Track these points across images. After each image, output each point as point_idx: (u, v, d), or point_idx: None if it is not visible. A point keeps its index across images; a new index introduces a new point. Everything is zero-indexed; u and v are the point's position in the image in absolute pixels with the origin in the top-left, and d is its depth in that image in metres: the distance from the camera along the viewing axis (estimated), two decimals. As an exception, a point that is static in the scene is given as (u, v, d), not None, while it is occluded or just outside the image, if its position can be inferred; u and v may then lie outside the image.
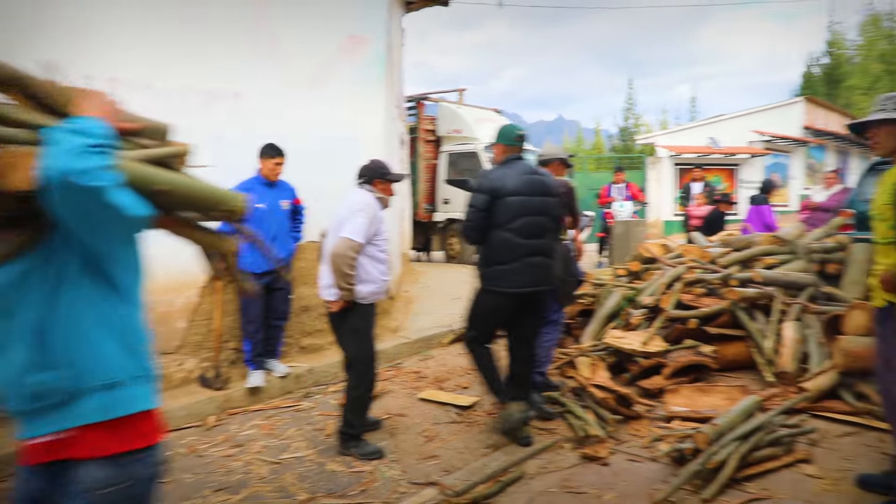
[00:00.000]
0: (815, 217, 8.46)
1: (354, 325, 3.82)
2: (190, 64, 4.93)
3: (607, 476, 3.49)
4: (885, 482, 3.09)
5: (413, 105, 11.91)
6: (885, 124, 2.92)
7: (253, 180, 4.82)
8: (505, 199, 3.74)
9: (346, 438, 3.87)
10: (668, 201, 18.04)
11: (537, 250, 3.81)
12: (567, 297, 4.48)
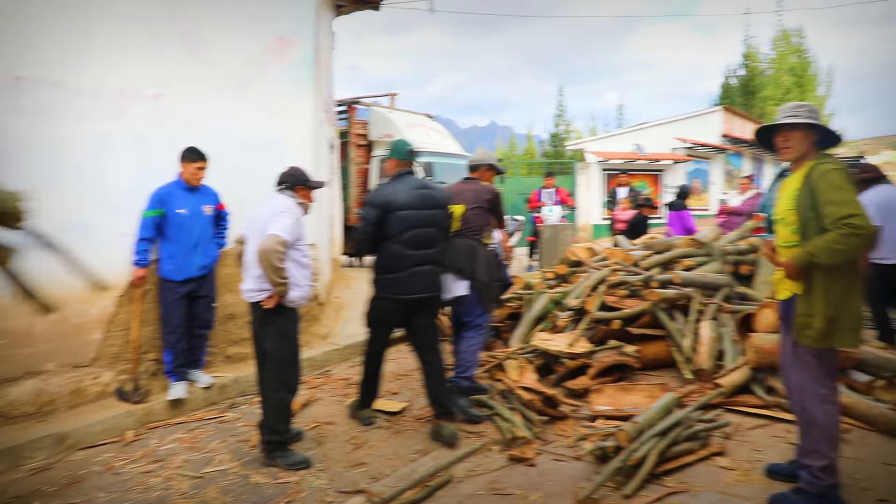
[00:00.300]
0: (731, 221, 8.88)
1: (281, 328, 3.80)
2: (106, 63, 4.72)
3: (534, 477, 3.54)
4: (791, 471, 3.27)
5: (344, 109, 11.80)
6: (796, 129, 3.05)
7: (173, 185, 4.66)
8: (396, 213, 3.99)
9: (271, 448, 3.79)
10: (597, 206, 18.56)
11: (426, 260, 4.08)
12: (491, 301, 4.54)
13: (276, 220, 3.66)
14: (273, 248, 3.56)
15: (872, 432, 3.94)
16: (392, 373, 5.39)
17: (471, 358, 4.43)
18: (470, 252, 4.40)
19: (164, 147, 4.81)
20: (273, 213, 3.73)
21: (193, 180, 4.67)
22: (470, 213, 4.48)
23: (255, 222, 3.82)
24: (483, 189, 4.57)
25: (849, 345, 3.00)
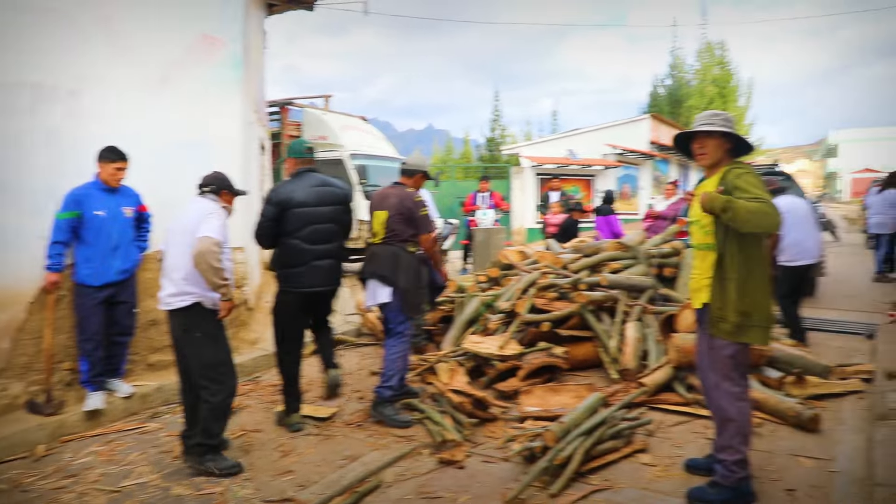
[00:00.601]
0: (657, 225, 9.22)
1: (210, 331, 3.73)
2: (18, 56, 4.47)
3: (463, 479, 3.56)
4: (708, 465, 3.41)
5: (277, 110, 11.58)
6: (712, 137, 3.18)
7: (90, 185, 4.46)
8: (294, 209, 4.15)
9: (204, 451, 3.67)
10: (531, 209, 18.87)
11: (325, 254, 4.28)
12: (414, 309, 4.47)
13: (206, 222, 3.60)
14: (209, 248, 3.50)
15: (782, 426, 4.15)
16: (322, 378, 5.31)
17: (393, 367, 4.36)
18: (393, 259, 4.35)
19: (80, 146, 4.60)
20: (201, 215, 3.65)
21: (112, 181, 4.48)
22: (393, 220, 4.39)
23: (177, 226, 3.73)
24: (407, 196, 4.45)
25: (760, 342, 3.15)
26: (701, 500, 3.17)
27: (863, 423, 4.16)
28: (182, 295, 3.64)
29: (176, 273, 3.65)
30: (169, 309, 3.71)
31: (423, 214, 4.45)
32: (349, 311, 7.67)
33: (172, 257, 3.71)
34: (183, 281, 3.63)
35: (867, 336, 6.43)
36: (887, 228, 10.18)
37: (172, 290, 3.67)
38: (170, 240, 3.77)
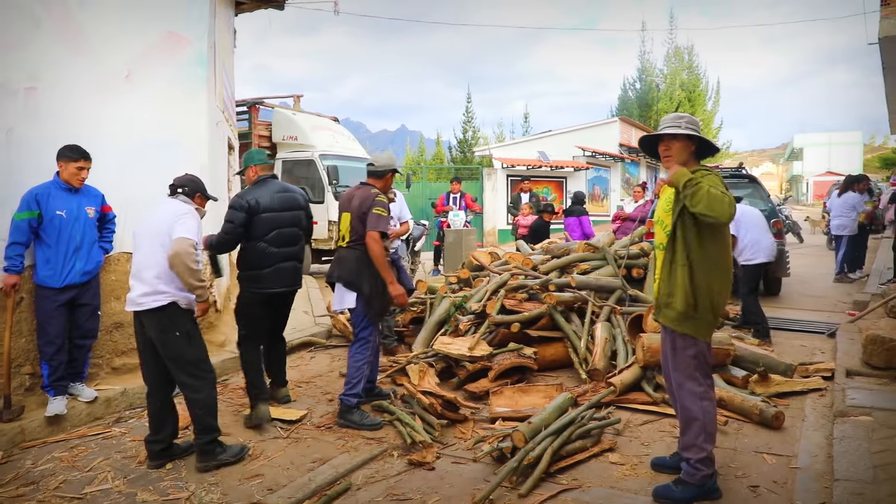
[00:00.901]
0: (625, 226, 9.33)
1: (187, 329, 3.74)
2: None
3: (433, 480, 3.56)
4: (675, 463, 3.46)
5: (246, 109, 11.46)
6: (677, 139, 3.24)
7: (50, 185, 4.35)
8: (261, 215, 4.36)
9: (210, 448, 3.72)
10: (503, 211, 18.97)
11: (289, 257, 4.52)
12: (377, 314, 4.40)
13: (181, 223, 3.62)
14: (186, 250, 3.54)
15: (747, 423, 4.23)
16: (292, 380, 5.27)
17: (358, 374, 4.31)
18: (357, 263, 4.28)
19: (38, 145, 4.49)
20: (174, 215, 3.66)
21: (74, 181, 4.37)
22: (355, 222, 4.31)
23: (147, 226, 3.71)
24: (368, 196, 4.31)
25: (702, 335, 3.18)
26: (667, 497, 3.21)
27: (823, 419, 4.26)
28: (156, 294, 3.62)
29: (148, 272, 3.62)
30: (141, 310, 3.65)
31: (375, 213, 4.22)
32: (320, 312, 7.62)
33: (143, 256, 3.68)
34: (156, 280, 3.61)
35: (828, 335, 6.59)
36: (847, 230, 10.46)
37: (145, 289, 3.62)
38: (139, 240, 3.74)
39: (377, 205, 4.25)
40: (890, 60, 8.71)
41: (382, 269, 4.26)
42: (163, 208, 3.76)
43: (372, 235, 4.20)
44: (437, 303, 6.04)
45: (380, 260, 4.23)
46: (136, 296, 3.66)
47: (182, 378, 3.73)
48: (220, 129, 6.32)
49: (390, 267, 4.40)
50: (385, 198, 4.39)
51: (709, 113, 41.15)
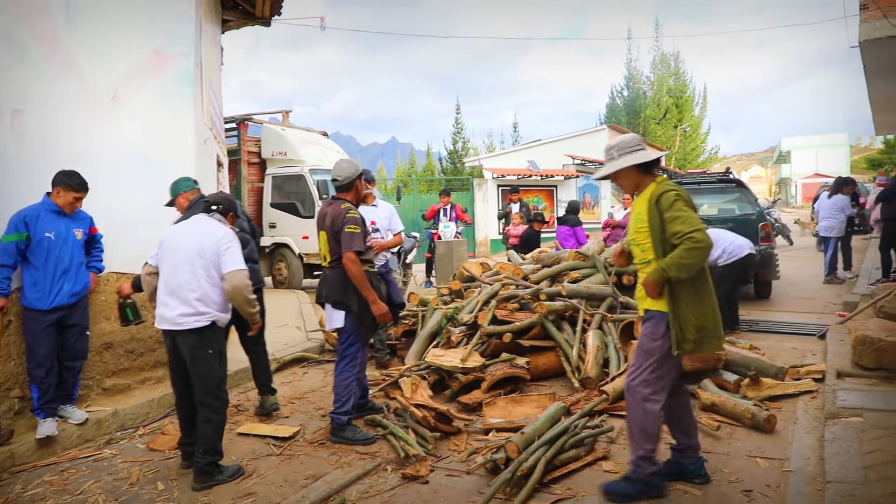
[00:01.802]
0: (615, 234, 9.37)
1: (220, 348, 3.87)
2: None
3: (427, 494, 3.54)
4: (668, 470, 3.47)
5: (235, 126, 11.47)
6: (619, 171, 3.36)
7: (39, 207, 4.33)
8: None
9: (210, 469, 3.74)
10: (494, 221, 19.02)
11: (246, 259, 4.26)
12: (369, 329, 4.35)
13: (230, 254, 3.74)
14: (243, 283, 3.74)
15: (739, 427, 4.25)
16: (285, 396, 5.25)
17: (345, 393, 4.29)
18: (342, 282, 4.23)
19: (25, 167, 4.49)
20: (218, 241, 3.74)
21: (68, 209, 4.38)
22: (331, 240, 4.25)
23: (185, 245, 3.76)
24: (339, 213, 4.23)
25: (716, 348, 3.32)
26: (614, 492, 3.31)
27: (815, 422, 4.28)
28: (198, 315, 3.71)
29: (190, 294, 3.70)
30: (181, 329, 3.73)
31: (347, 232, 4.14)
32: (312, 327, 7.61)
33: (181, 276, 3.72)
34: (199, 302, 3.70)
35: (819, 337, 6.63)
36: (835, 232, 10.54)
37: (186, 310, 3.70)
38: (173, 257, 3.78)
39: (348, 222, 4.17)
40: (870, 63, 8.83)
41: (363, 289, 4.20)
42: (199, 227, 3.81)
43: (348, 256, 4.13)
44: (428, 315, 6.04)
45: (359, 280, 4.17)
46: (176, 315, 3.71)
47: (204, 397, 3.78)
48: (208, 146, 6.32)
49: (373, 284, 4.30)
50: (356, 212, 4.27)
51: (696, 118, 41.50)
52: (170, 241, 3.85)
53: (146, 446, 4.39)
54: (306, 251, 10.89)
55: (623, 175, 3.36)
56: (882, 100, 11.91)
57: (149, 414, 4.94)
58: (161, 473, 3.94)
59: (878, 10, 7.26)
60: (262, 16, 8.57)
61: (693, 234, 3.04)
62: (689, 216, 3.11)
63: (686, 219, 3.10)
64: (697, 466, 3.50)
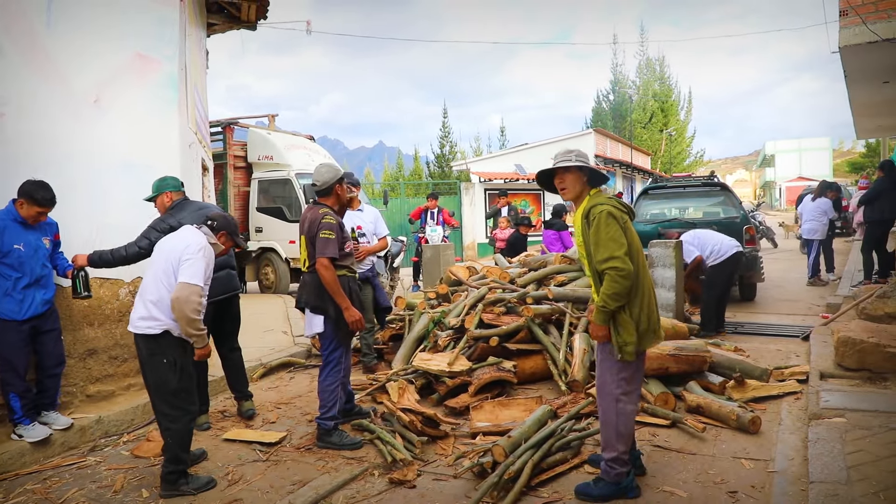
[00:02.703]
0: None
1: (176, 359, 3.72)
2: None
3: (413, 499, 3.53)
4: None
5: (220, 130, 11.42)
6: (569, 172, 3.42)
7: (6, 216, 4.19)
8: None
9: (174, 478, 3.67)
10: (481, 225, 19.05)
11: (220, 266, 4.60)
12: (347, 334, 4.32)
13: (189, 265, 3.60)
14: (188, 297, 3.55)
15: (725, 429, 4.28)
16: (271, 401, 5.23)
17: (330, 398, 4.27)
18: (320, 286, 4.20)
19: (6, 171, 4.43)
20: (186, 248, 3.65)
21: (32, 220, 4.25)
22: (310, 247, 4.24)
23: (162, 249, 3.78)
24: (316, 217, 4.23)
25: (653, 343, 3.39)
26: (586, 494, 3.37)
27: (799, 423, 4.32)
28: (151, 320, 3.64)
29: (148, 297, 3.66)
30: (137, 333, 3.68)
31: (322, 237, 4.13)
32: (299, 332, 7.57)
33: (148, 279, 3.72)
34: (153, 306, 3.64)
35: (803, 338, 6.70)
36: (818, 234, 10.67)
37: (143, 312, 3.66)
38: (153, 259, 3.79)
39: (323, 228, 4.15)
40: (851, 68, 8.94)
41: (336, 295, 4.17)
42: (181, 234, 3.82)
43: (321, 262, 4.11)
44: (415, 319, 6.03)
45: (332, 286, 4.14)
46: (135, 317, 3.70)
47: (160, 406, 3.72)
48: (193, 150, 6.28)
49: (351, 290, 4.31)
50: (333, 218, 4.24)
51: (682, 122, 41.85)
52: (158, 246, 3.87)
53: (131, 453, 4.34)
54: (293, 255, 10.85)
55: (573, 179, 3.41)
56: (862, 104, 12.07)
57: (133, 420, 4.88)
58: (146, 480, 3.90)
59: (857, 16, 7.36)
60: (248, 20, 8.54)
61: (613, 264, 3.15)
62: (611, 240, 3.18)
63: (607, 243, 3.18)
64: (635, 457, 3.58)
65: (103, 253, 4.41)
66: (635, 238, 3.35)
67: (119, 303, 5.17)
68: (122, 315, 5.18)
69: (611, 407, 3.34)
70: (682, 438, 4.18)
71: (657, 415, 4.43)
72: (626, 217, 3.33)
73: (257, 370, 6.06)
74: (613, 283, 3.15)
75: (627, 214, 3.38)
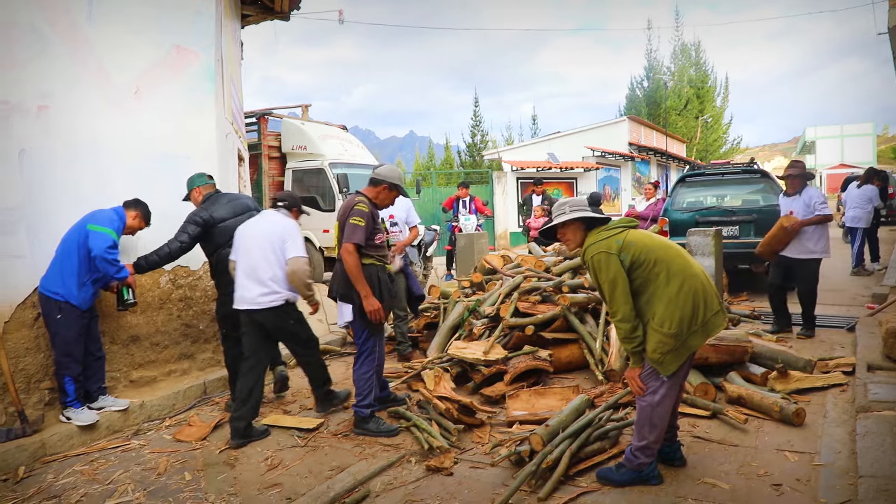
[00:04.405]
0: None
1: (299, 317, 4.57)
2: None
3: (451, 486, 3.54)
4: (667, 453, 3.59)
5: (255, 121, 11.53)
6: (567, 225, 3.46)
7: (119, 222, 4.49)
8: (217, 226, 4.76)
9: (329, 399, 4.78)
10: (514, 213, 18.95)
11: None
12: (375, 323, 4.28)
13: (294, 242, 4.34)
14: (302, 268, 4.32)
15: (767, 420, 4.18)
16: (307, 388, 5.28)
17: (365, 387, 4.30)
18: (346, 274, 4.20)
19: (51, 163, 4.57)
20: (285, 229, 4.38)
21: (130, 233, 4.66)
22: (342, 232, 4.25)
23: (255, 232, 4.40)
24: (350, 203, 4.28)
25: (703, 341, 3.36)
26: (607, 479, 3.43)
27: (845, 415, 4.21)
28: (272, 294, 4.33)
29: (263, 275, 4.31)
30: (261, 308, 4.32)
31: (351, 223, 4.15)
32: (334, 320, 7.64)
33: (256, 260, 4.32)
34: (272, 282, 4.32)
35: (848, 329, 6.51)
36: (862, 222, 10.35)
37: (262, 290, 4.31)
38: (248, 244, 4.38)
39: (354, 214, 4.18)
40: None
41: (357, 282, 4.15)
42: (269, 218, 4.48)
43: (346, 247, 4.13)
44: (450, 307, 6.03)
45: (353, 271, 4.14)
46: (255, 296, 4.31)
47: (297, 349, 4.65)
48: (229, 140, 6.36)
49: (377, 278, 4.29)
50: (366, 206, 4.25)
51: (718, 109, 40.94)
52: (242, 233, 4.46)
53: (173, 437, 4.44)
54: (326, 245, 10.93)
55: (573, 229, 3.46)
56: (911, 87, 11.62)
57: (175, 406, 4.99)
58: (188, 464, 3.99)
59: (908, -6, 7.07)
60: (282, 10, 8.58)
61: (615, 318, 3.29)
62: (611, 286, 3.22)
63: (610, 294, 3.26)
64: (673, 449, 3.58)
65: (148, 257, 4.64)
66: (648, 242, 3.29)
67: (160, 290, 5.27)
68: (163, 303, 5.29)
69: (647, 401, 3.32)
70: (724, 430, 4.10)
71: (697, 405, 4.35)
72: (622, 239, 3.27)
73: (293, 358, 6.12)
74: (621, 336, 3.31)
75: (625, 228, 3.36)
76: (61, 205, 4.61)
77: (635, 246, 3.24)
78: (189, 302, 5.50)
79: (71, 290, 4.32)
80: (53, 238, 4.40)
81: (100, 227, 4.32)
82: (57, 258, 4.36)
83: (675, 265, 3.25)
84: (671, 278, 3.22)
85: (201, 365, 5.54)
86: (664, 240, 3.43)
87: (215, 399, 5.22)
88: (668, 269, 3.24)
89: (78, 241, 4.32)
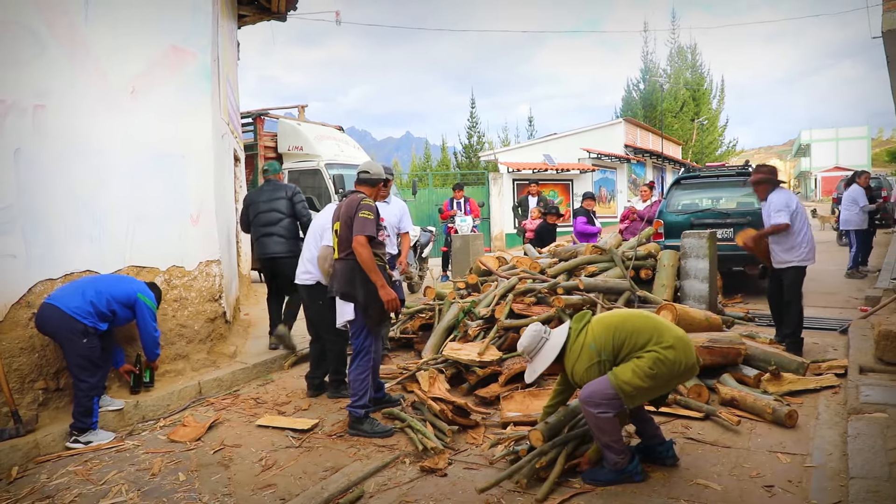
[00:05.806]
0: (634, 226, 9.31)
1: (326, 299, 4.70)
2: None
3: (445, 487, 3.55)
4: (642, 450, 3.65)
5: (251, 121, 11.52)
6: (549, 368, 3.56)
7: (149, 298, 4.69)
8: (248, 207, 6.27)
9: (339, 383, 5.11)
10: (510, 215, 18.96)
11: (267, 233, 6.20)
12: (377, 321, 4.34)
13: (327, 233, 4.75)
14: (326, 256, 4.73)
15: (760, 422, 4.21)
16: (302, 389, 5.29)
17: (360, 387, 4.31)
18: (350, 273, 4.24)
19: (46, 163, 4.56)
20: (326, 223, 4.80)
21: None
22: (343, 230, 4.28)
23: (316, 224, 5.06)
24: (354, 200, 4.29)
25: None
26: (592, 479, 3.47)
27: (837, 417, 4.23)
28: (307, 274, 5.02)
29: (306, 255, 5.03)
30: (300, 284, 5.09)
31: (361, 216, 4.18)
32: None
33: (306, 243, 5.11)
34: (309, 263, 4.99)
35: (841, 331, 6.54)
36: (853, 224, 10.41)
37: (303, 269, 5.05)
38: (311, 229, 5.15)
39: (363, 209, 4.21)
40: (894, 53, 8.65)
41: (372, 273, 4.18)
42: (324, 211, 5.13)
43: (358, 240, 4.14)
44: (445, 309, 6.04)
45: (368, 264, 4.16)
46: (300, 272, 5.08)
47: (324, 334, 5.03)
48: (225, 140, 6.37)
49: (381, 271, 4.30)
50: (371, 201, 4.32)
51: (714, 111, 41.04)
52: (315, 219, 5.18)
53: (167, 438, 4.44)
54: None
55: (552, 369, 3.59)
56: (905, 91, 11.69)
57: (169, 406, 4.99)
58: (182, 465, 3.98)
59: (902, -1, 7.11)
60: (278, 11, 8.61)
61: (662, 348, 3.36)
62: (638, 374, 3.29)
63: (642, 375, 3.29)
64: (666, 448, 3.61)
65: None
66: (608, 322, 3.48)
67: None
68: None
69: (590, 413, 3.36)
70: (716, 431, 4.13)
71: (690, 407, 4.37)
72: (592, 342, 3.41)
73: (289, 359, 6.13)
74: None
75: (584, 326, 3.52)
76: (56, 204, 4.61)
77: (604, 335, 3.41)
78: (184, 302, 5.50)
79: (97, 323, 4.38)
80: (48, 238, 4.40)
81: (150, 301, 4.58)
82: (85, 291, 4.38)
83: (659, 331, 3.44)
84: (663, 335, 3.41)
85: (196, 365, 5.54)
86: (621, 313, 3.67)
87: (210, 399, 5.22)
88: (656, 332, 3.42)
89: (113, 296, 4.44)
